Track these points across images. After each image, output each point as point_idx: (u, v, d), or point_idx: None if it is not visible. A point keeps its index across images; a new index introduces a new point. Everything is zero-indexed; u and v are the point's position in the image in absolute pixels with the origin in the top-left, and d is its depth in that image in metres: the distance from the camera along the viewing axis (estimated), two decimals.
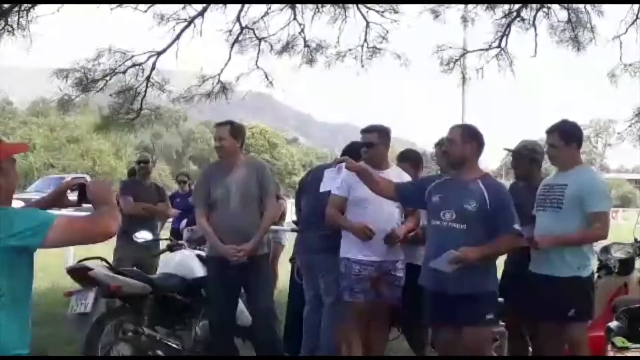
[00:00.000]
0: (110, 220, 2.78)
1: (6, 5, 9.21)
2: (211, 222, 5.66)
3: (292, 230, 8.03)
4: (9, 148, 2.82)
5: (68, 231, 2.66)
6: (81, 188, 3.05)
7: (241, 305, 5.96)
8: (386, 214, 5.37)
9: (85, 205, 3.08)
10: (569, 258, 4.80)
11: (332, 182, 5.51)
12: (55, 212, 2.95)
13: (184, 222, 9.17)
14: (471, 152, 4.76)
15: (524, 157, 5.52)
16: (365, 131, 5.60)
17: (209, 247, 5.85)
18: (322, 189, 5.59)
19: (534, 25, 10.37)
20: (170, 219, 9.95)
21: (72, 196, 3.17)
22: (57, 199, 3.22)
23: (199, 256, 6.28)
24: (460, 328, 4.64)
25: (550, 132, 5.00)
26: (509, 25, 10.53)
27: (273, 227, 7.02)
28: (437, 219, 4.73)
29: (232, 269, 5.51)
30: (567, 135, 4.96)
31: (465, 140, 4.74)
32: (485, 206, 4.60)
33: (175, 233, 9.21)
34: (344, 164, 5.19)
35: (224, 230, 5.58)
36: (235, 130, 5.73)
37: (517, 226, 4.63)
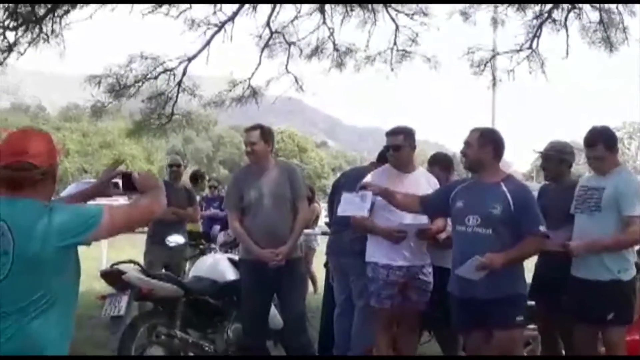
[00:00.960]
0: (153, 204, 2.86)
1: (41, 12, 9.34)
2: (244, 225, 5.66)
3: (323, 233, 8.04)
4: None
5: (116, 220, 2.71)
6: (124, 177, 3.11)
7: (273, 309, 5.99)
8: (412, 217, 5.34)
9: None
10: (608, 262, 4.73)
11: (351, 206, 5.38)
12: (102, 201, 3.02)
13: (217, 227, 9.22)
14: (487, 155, 4.72)
15: (553, 158, 5.47)
16: (390, 134, 5.56)
17: (242, 250, 5.86)
18: (339, 213, 5.44)
19: (565, 26, 10.26)
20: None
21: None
22: (101, 189, 3.27)
23: (230, 259, 6.32)
24: (491, 332, 4.60)
25: (592, 145, 4.90)
26: (540, 27, 10.44)
27: (305, 230, 7.02)
28: (462, 225, 4.68)
29: (266, 272, 5.51)
30: (610, 144, 4.91)
31: (482, 144, 4.71)
32: (510, 209, 4.56)
33: (207, 236, 9.27)
34: (369, 193, 5.14)
35: (257, 233, 5.58)
36: (265, 134, 5.74)
37: (542, 228, 4.58)
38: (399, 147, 5.47)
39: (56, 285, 2.64)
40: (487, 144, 4.72)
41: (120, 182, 3.16)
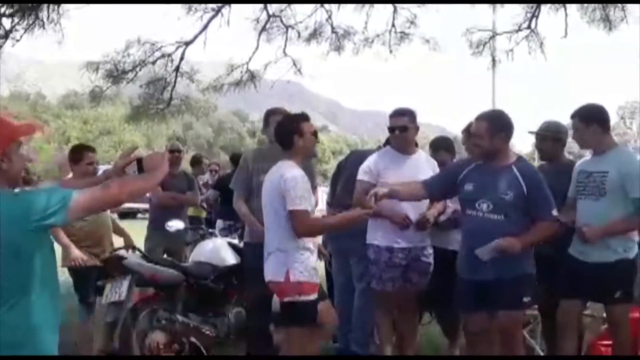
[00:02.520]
0: (124, 187, 2.77)
1: None
2: (250, 207, 5.60)
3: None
4: (17, 130, 2.74)
5: (85, 202, 2.66)
6: (139, 162, 3.12)
7: None
8: (411, 205, 5.29)
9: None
10: (612, 243, 4.70)
11: None
12: None
13: (211, 192, 9.25)
14: (500, 142, 4.62)
15: (548, 138, 5.46)
16: (395, 115, 5.51)
17: (247, 233, 5.80)
18: None
19: (564, 5, 10.20)
20: None
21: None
22: (117, 174, 3.26)
23: (230, 244, 6.31)
24: (496, 312, 4.56)
25: (572, 116, 4.92)
26: (538, 6, 10.37)
27: None
28: (472, 209, 4.61)
29: None
30: (586, 117, 4.85)
31: (493, 133, 4.59)
32: (522, 192, 4.49)
33: (210, 223, 9.27)
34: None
35: (260, 216, 5.53)
36: None
37: (554, 212, 4.54)
38: (405, 127, 5.43)
39: (30, 270, 2.61)
40: (498, 131, 4.60)
41: (127, 169, 3.17)
